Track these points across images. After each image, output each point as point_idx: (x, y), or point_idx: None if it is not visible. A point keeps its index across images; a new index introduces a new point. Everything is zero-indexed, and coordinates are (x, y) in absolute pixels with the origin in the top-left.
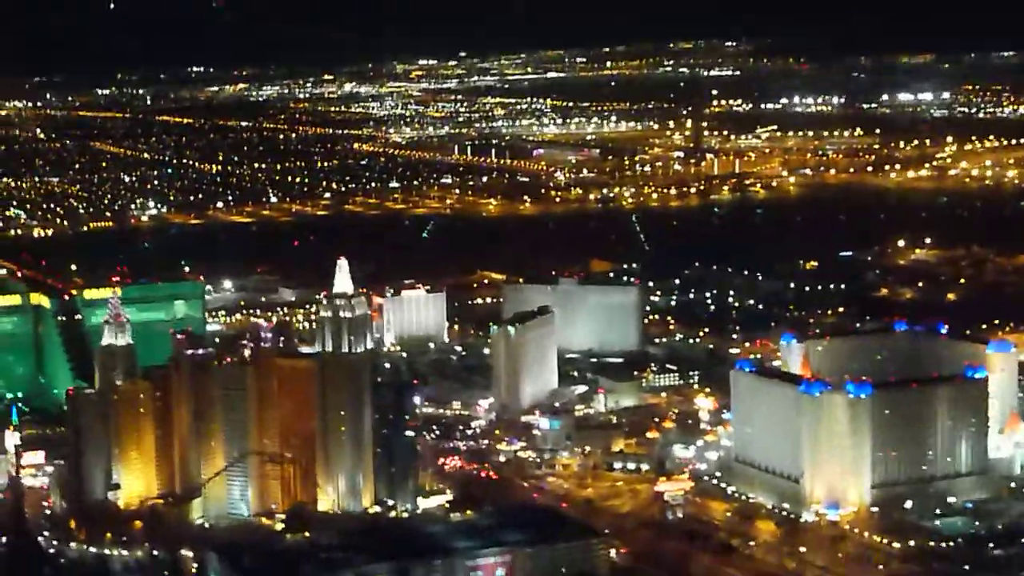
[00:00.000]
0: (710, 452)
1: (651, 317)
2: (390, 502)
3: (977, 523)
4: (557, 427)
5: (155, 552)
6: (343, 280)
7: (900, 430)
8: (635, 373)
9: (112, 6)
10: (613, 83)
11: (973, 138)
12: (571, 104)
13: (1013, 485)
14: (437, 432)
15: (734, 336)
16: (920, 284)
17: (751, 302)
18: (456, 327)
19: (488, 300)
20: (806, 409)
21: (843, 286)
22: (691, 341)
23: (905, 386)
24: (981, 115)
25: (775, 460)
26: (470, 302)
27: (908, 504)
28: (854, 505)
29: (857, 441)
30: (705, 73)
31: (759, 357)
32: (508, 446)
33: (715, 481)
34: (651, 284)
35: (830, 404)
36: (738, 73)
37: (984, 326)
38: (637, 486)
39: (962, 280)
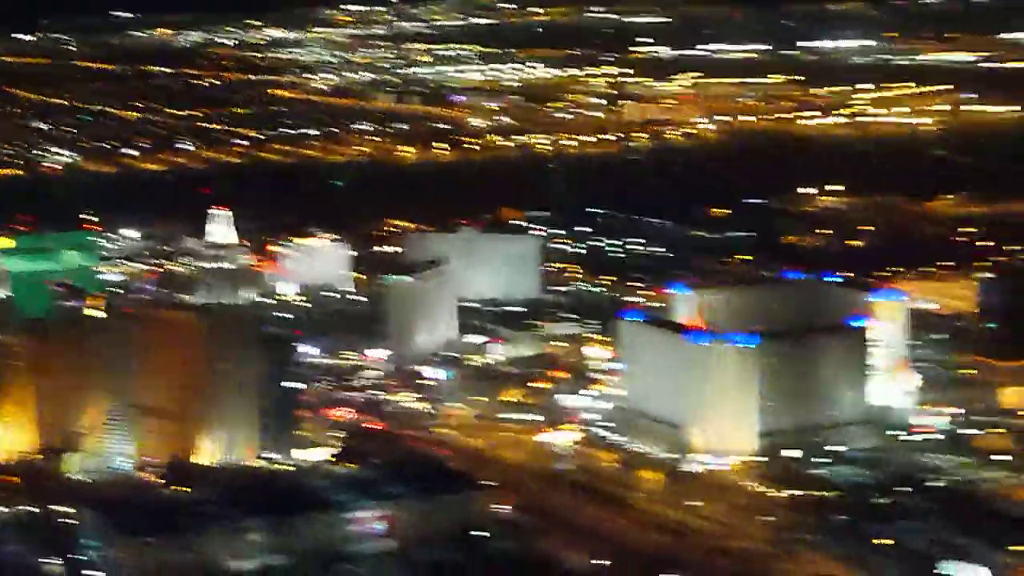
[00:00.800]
0: (601, 402)
1: (557, 265)
2: (273, 455)
3: (865, 471)
4: (451, 377)
5: (31, 508)
6: (223, 230)
7: (786, 380)
8: (534, 322)
9: None
10: (540, 29)
11: (891, 85)
12: (497, 50)
13: (900, 434)
14: (330, 383)
15: (638, 284)
16: (828, 231)
17: (659, 250)
18: (362, 276)
19: (395, 249)
20: (692, 359)
21: (752, 233)
22: (595, 289)
23: (791, 336)
24: (903, 61)
25: (662, 410)
26: (376, 251)
27: (796, 453)
28: (741, 454)
29: (743, 391)
30: (633, 20)
31: (660, 305)
32: (400, 397)
33: (604, 431)
34: (559, 232)
35: (716, 354)
36: (667, 20)
37: (887, 273)
38: (527, 437)
39: (870, 228)
